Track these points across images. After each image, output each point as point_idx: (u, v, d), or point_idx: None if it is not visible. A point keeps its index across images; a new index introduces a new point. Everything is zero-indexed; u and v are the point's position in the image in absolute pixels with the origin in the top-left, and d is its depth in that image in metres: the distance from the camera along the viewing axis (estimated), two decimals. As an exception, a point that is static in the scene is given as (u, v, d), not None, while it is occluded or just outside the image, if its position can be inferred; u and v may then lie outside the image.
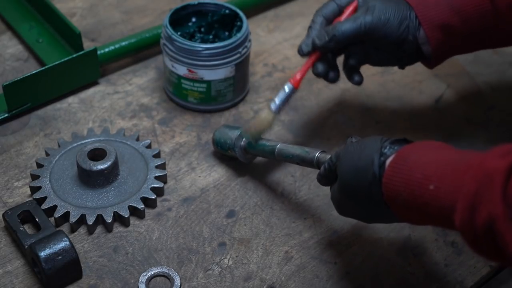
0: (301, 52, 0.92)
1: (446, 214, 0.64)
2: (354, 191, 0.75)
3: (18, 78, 0.99)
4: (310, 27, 0.92)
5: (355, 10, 0.91)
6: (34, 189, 0.91)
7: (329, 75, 0.93)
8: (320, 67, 0.92)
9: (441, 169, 0.66)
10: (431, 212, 0.67)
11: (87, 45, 1.12)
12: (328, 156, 0.83)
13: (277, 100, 0.91)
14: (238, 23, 1.05)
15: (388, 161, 0.72)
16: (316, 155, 0.85)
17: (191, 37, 1.06)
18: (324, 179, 0.83)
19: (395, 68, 1.14)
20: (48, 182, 0.91)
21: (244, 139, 0.94)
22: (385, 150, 0.73)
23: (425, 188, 0.67)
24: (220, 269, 0.86)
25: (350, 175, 0.75)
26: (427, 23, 0.87)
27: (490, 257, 0.65)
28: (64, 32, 1.10)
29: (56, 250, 0.80)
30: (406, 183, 0.69)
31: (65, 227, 0.89)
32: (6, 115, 1.02)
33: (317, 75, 0.92)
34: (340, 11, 0.91)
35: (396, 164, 0.70)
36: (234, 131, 0.95)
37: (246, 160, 0.96)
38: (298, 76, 0.92)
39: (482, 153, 0.65)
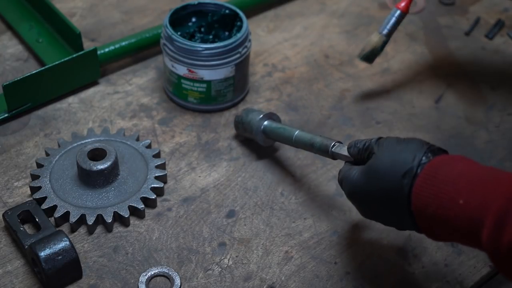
0: None
1: (474, 229, 0.64)
2: (383, 179, 0.73)
3: (18, 78, 0.99)
4: None
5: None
6: (34, 189, 0.91)
7: None
8: None
9: (472, 184, 0.67)
10: (459, 225, 0.66)
11: (87, 45, 1.12)
12: (344, 147, 0.83)
13: (385, 23, 1.00)
14: (238, 23, 1.05)
15: (419, 171, 0.71)
16: (332, 144, 0.85)
17: (191, 37, 1.06)
18: (354, 154, 0.81)
19: (395, 68, 1.14)
20: (48, 182, 0.91)
21: (265, 122, 0.96)
22: (428, 155, 0.72)
23: (455, 202, 0.66)
24: (220, 269, 0.86)
25: (386, 161, 0.73)
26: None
27: None
28: (64, 32, 1.10)
29: (56, 250, 0.80)
30: (436, 195, 0.68)
31: (65, 227, 0.89)
32: (6, 115, 1.02)
33: None
34: None
35: (427, 175, 0.70)
36: (257, 114, 0.96)
37: (265, 144, 0.98)
38: (403, 3, 0.99)
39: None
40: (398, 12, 1.00)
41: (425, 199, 0.69)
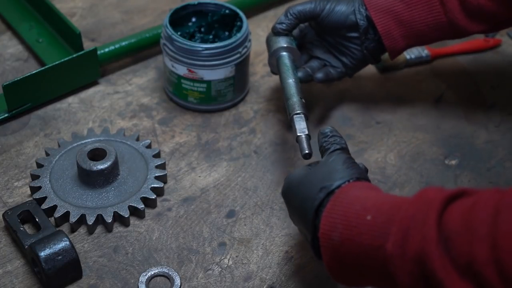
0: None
1: (379, 243, 0.64)
2: (304, 192, 0.75)
3: (18, 78, 0.99)
4: None
5: None
6: (34, 189, 0.91)
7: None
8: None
9: (380, 203, 0.67)
10: (364, 242, 0.65)
11: (87, 45, 1.12)
12: (303, 122, 0.88)
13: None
14: (238, 23, 1.05)
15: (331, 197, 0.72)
16: (296, 112, 0.89)
17: (191, 37, 1.06)
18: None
19: (395, 67, 1.14)
20: (48, 182, 0.91)
21: (283, 53, 0.97)
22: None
23: (362, 219, 0.66)
24: (220, 269, 0.86)
25: (318, 176, 0.75)
26: (372, 7, 0.94)
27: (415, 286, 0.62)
28: (64, 32, 1.10)
29: (56, 250, 0.80)
30: (344, 215, 0.68)
31: (65, 227, 0.89)
32: (6, 115, 1.02)
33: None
34: None
35: (336, 198, 0.71)
36: (283, 39, 0.98)
37: (272, 68, 1.00)
38: None
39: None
40: None
41: (333, 220, 0.69)
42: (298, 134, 0.87)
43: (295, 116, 0.89)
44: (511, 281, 0.55)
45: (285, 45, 0.97)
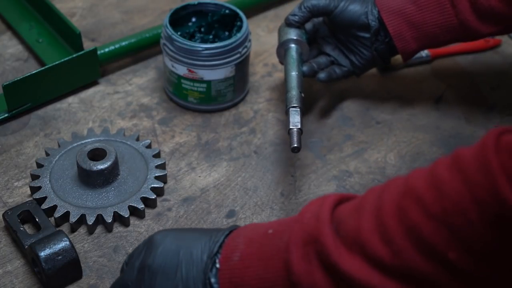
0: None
1: (282, 248, 0.64)
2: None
3: (18, 78, 0.99)
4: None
5: None
6: (34, 189, 0.91)
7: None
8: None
9: (280, 222, 0.68)
10: (267, 252, 0.65)
11: (87, 45, 1.12)
12: (298, 116, 0.88)
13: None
14: (238, 23, 1.05)
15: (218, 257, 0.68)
16: (292, 105, 0.90)
17: (191, 37, 1.07)
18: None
19: (395, 67, 1.14)
20: (48, 182, 0.91)
21: (292, 45, 0.98)
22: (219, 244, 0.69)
23: (264, 234, 0.67)
24: (220, 269, 0.86)
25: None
26: (384, 9, 0.95)
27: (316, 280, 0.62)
28: (64, 32, 1.10)
29: (56, 250, 0.80)
30: (246, 235, 0.68)
31: (65, 227, 0.89)
32: (6, 115, 1.02)
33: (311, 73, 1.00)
34: None
35: (233, 237, 0.69)
36: (294, 32, 0.98)
37: (279, 58, 1.00)
38: None
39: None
40: None
41: (234, 244, 0.68)
42: (291, 127, 0.88)
43: (291, 109, 0.90)
44: (393, 243, 0.58)
45: (294, 38, 0.98)
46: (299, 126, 0.88)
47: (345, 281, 0.60)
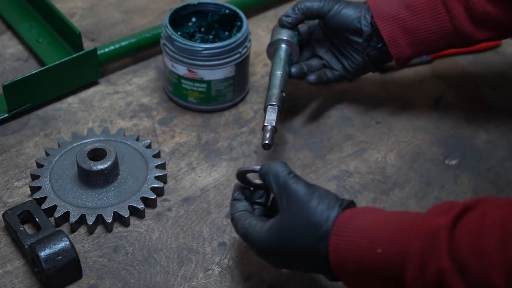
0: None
1: (397, 274, 0.65)
2: (298, 243, 0.72)
3: (18, 78, 0.99)
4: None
5: None
6: (34, 189, 0.91)
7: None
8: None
9: (385, 232, 0.67)
10: (382, 274, 0.66)
11: (87, 45, 1.12)
12: (274, 114, 0.90)
13: None
14: (238, 23, 1.05)
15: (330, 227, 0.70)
16: (270, 103, 0.92)
17: (191, 37, 1.07)
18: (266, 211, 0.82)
19: (395, 68, 1.14)
20: (48, 182, 0.91)
21: (281, 45, 0.98)
22: (339, 209, 0.71)
23: (373, 253, 0.67)
24: (220, 269, 0.86)
25: (299, 224, 0.71)
26: (378, 14, 0.95)
27: None
28: (64, 32, 1.10)
29: (56, 250, 0.80)
30: (352, 249, 0.68)
31: (65, 227, 0.89)
32: (6, 115, 1.02)
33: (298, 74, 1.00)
34: None
35: (339, 231, 0.70)
36: (286, 32, 0.99)
37: (269, 57, 1.01)
38: None
39: (422, 213, 0.67)
40: None
41: (343, 255, 0.69)
42: (265, 124, 0.90)
43: (269, 106, 0.92)
44: None
45: (285, 38, 0.98)
46: (273, 124, 0.90)
47: None
